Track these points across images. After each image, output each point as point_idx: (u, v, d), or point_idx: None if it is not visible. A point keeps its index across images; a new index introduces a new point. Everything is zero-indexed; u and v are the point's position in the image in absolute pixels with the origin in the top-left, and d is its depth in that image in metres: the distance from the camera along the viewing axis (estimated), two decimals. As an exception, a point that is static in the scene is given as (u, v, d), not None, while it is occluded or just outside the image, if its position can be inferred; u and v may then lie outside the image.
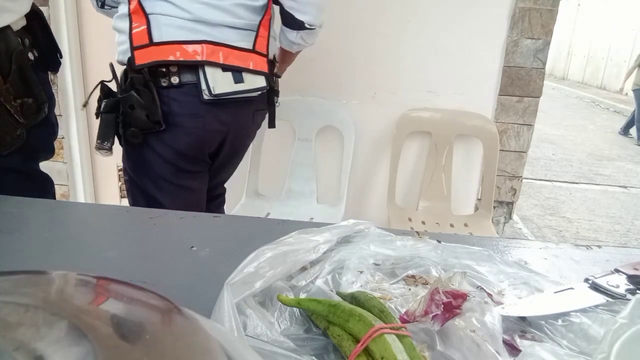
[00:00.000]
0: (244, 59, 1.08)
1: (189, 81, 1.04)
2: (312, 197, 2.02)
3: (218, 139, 1.15)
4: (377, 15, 1.89)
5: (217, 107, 1.08)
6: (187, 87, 1.05)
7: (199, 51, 1.02)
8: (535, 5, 1.82)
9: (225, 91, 1.06)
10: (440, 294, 0.41)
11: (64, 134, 2.12)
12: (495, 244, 0.63)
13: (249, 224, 0.68)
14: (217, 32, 1.05)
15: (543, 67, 1.90)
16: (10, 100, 0.83)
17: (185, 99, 1.05)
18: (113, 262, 0.54)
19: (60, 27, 2.00)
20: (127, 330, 0.24)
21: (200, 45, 1.02)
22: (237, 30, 1.07)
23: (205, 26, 1.04)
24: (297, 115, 2.01)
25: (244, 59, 1.08)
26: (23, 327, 0.22)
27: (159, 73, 1.03)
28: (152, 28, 1.02)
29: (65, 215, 0.68)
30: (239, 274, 0.43)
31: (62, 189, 2.20)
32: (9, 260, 0.54)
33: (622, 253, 0.61)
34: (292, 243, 0.50)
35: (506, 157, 2.03)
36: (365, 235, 0.59)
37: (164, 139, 1.08)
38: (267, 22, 1.13)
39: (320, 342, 0.42)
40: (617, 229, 3.21)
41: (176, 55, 1.02)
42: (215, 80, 1.04)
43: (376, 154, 2.07)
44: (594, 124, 7.22)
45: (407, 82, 1.95)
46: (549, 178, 4.29)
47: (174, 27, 1.02)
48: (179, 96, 1.05)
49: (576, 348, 0.42)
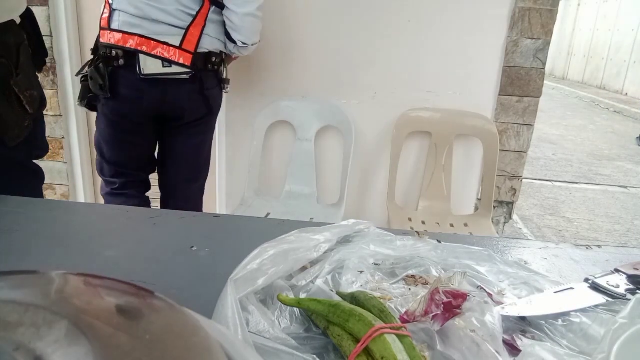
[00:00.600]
0: (172, 52, 1.40)
1: (131, 64, 1.39)
2: (312, 197, 2.02)
3: (156, 106, 1.47)
4: (377, 15, 1.89)
5: (154, 83, 1.42)
6: (129, 68, 1.39)
7: (133, 43, 1.38)
8: (535, 5, 1.82)
9: (154, 72, 1.40)
10: (440, 294, 0.41)
11: (64, 134, 2.12)
12: (495, 244, 0.63)
13: (249, 224, 0.68)
14: (156, 27, 1.37)
15: (543, 67, 1.90)
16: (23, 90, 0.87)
17: (128, 76, 1.41)
18: (113, 262, 0.54)
19: (60, 27, 2.00)
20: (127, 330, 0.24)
21: (134, 38, 1.37)
22: (171, 28, 1.39)
23: (148, 22, 1.37)
24: (297, 115, 2.01)
25: (172, 52, 1.40)
26: (23, 327, 0.22)
27: (111, 57, 1.39)
28: (112, 17, 1.39)
29: (65, 215, 0.68)
30: (242, 271, 0.43)
31: (62, 189, 2.21)
32: (9, 260, 0.54)
33: (622, 253, 0.61)
34: (293, 241, 0.51)
35: (506, 157, 2.03)
36: (365, 235, 0.59)
37: (113, 105, 1.46)
38: (199, 25, 1.42)
39: (320, 342, 0.42)
40: (617, 229, 3.21)
41: (119, 42, 1.38)
42: (145, 64, 1.39)
43: (376, 154, 2.07)
44: (594, 124, 7.22)
45: (407, 82, 1.95)
46: (549, 178, 4.29)
47: (122, 20, 1.37)
48: (123, 74, 1.41)
49: (576, 348, 0.42)
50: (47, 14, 1.97)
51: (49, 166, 2.14)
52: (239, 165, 2.08)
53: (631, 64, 9.80)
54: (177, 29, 1.39)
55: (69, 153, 2.16)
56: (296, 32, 1.94)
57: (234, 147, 2.10)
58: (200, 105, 1.54)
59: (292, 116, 2.01)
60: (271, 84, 2.01)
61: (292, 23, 1.93)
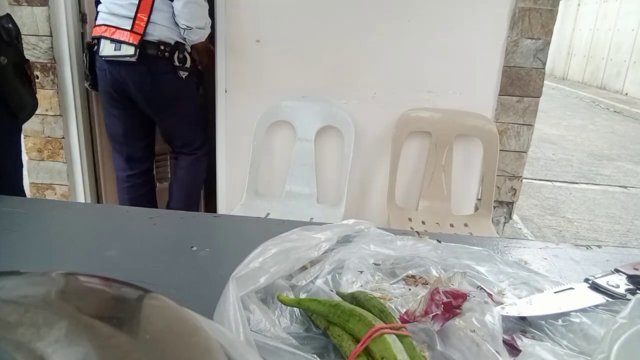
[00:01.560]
0: (125, 35, 1.75)
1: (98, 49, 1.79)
2: (312, 197, 2.02)
3: (120, 84, 1.83)
4: (378, 16, 1.89)
5: (112, 64, 1.80)
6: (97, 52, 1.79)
7: (99, 31, 1.78)
8: (535, 5, 1.82)
9: (107, 54, 1.77)
10: (440, 294, 0.41)
11: (64, 134, 2.12)
12: (495, 244, 0.63)
13: (249, 224, 0.68)
14: (116, 19, 1.76)
15: (543, 67, 1.90)
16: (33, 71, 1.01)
17: (99, 59, 1.82)
18: (113, 262, 0.54)
19: (60, 27, 2.00)
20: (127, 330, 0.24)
21: (102, 27, 1.78)
22: (124, 18, 1.75)
23: (113, 16, 1.77)
24: (297, 115, 2.01)
25: (125, 35, 1.75)
26: (23, 327, 0.22)
27: (92, 45, 1.84)
28: (96, 16, 1.82)
29: (65, 215, 0.68)
30: (244, 268, 0.43)
31: (62, 189, 2.21)
32: (9, 260, 0.54)
33: (622, 253, 0.61)
34: (295, 239, 0.51)
35: (506, 157, 2.03)
36: (365, 235, 0.59)
37: (95, 83, 1.91)
38: (144, 12, 1.74)
39: (320, 342, 0.42)
40: (617, 229, 3.21)
41: (96, 32, 1.80)
42: (104, 48, 1.77)
43: (376, 154, 2.07)
44: (594, 124, 7.21)
45: (407, 82, 1.95)
46: (549, 178, 4.29)
47: (100, 16, 1.80)
48: (97, 58, 1.82)
49: (576, 348, 0.42)
50: (47, 14, 1.97)
51: (49, 166, 2.14)
52: (239, 165, 2.07)
53: (631, 64, 9.80)
54: (128, 18, 1.76)
55: (69, 153, 2.16)
56: (296, 32, 1.94)
57: (234, 147, 2.10)
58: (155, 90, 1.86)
59: (292, 116, 2.01)
60: (271, 84, 2.01)
61: (292, 23, 1.93)
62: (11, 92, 0.95)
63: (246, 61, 1.97)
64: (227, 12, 1.91)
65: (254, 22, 1.93)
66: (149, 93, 1.85)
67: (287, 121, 2.02)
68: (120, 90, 1.85)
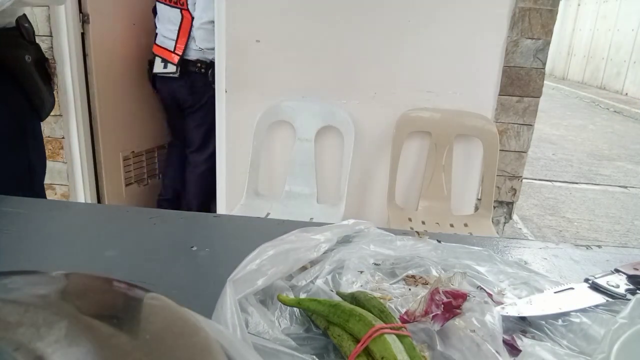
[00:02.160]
0: (170, 56, 2.22)
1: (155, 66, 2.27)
2: (312, 197, 2.02)
3: (168, 96, 2.34)
4: (377, 15, 1.89)
5: (161, 80, 2.29)
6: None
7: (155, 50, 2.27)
8: (535, 5, 1.82)
9: (157, 71, 2.26)
10: (440, 294, 0.41)
11: (64, 134, 2.12)
12: (495, 244, 0.63)
13: (249, 224, 0.68)
14: (166, 41, 2.24)
15: (543, 67, 1.90)
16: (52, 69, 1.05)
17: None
18: (113, 262, 0.54)
19: (60, 27, 2.00)
20: (127, 330, 0.24)
21: (156, 47, 2.27)
22: (171, 41, 2.22)
23: (165, 38, 2.24)
24: (297, 115, 2.01)
25: (170, 56, 2.22)
26: (23, 327, 0.22)
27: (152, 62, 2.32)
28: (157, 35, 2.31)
29: (65, 215, 0.68)
30: (241, 271, 0.43)
31: (62, 189, 2.21)
32: (9, 260, 0.54)
33: (622, 253, 0.61)
34: (293, 241, 0.50)
35: (506, 157, 2.03)
36: (365, 235, 0.59)
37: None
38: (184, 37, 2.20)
39: (320, 342, 0.42)
40: (617, 229, 3.21)
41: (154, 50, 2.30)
42: (156, 65, 2.26)
43: (376, 154, 2.07)
44: (594, 124, 7.21)
45: (407, 82, 1.95)
46: (549, 178, 4.29)
47: (158, 39, 2.28)
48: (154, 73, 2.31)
49: (576, 348, 0.42)
50: (47, 14, 1.97)
51: (49, 166, 2.14)
52: (239, 165, 2.07)
53: (631, 64, 9.81)
54: (172, 40, 2.22)
55: (69, 153, 2.16)
56: (296, 32, 1.94)
57: (234, 147, 2.10)
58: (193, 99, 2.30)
59: (292, 116, 2.01)
60: (271, 84, 2.01)
61: (292, 23, 1.93)
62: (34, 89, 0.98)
63: (246, 61, 1.96)
64: (227, 12, 1.91)
65: (254, 22, 1.93)
66: (189, 102, 2.31)
67: (287, 121, 2.02)
68: (168, 99, 2.36)
